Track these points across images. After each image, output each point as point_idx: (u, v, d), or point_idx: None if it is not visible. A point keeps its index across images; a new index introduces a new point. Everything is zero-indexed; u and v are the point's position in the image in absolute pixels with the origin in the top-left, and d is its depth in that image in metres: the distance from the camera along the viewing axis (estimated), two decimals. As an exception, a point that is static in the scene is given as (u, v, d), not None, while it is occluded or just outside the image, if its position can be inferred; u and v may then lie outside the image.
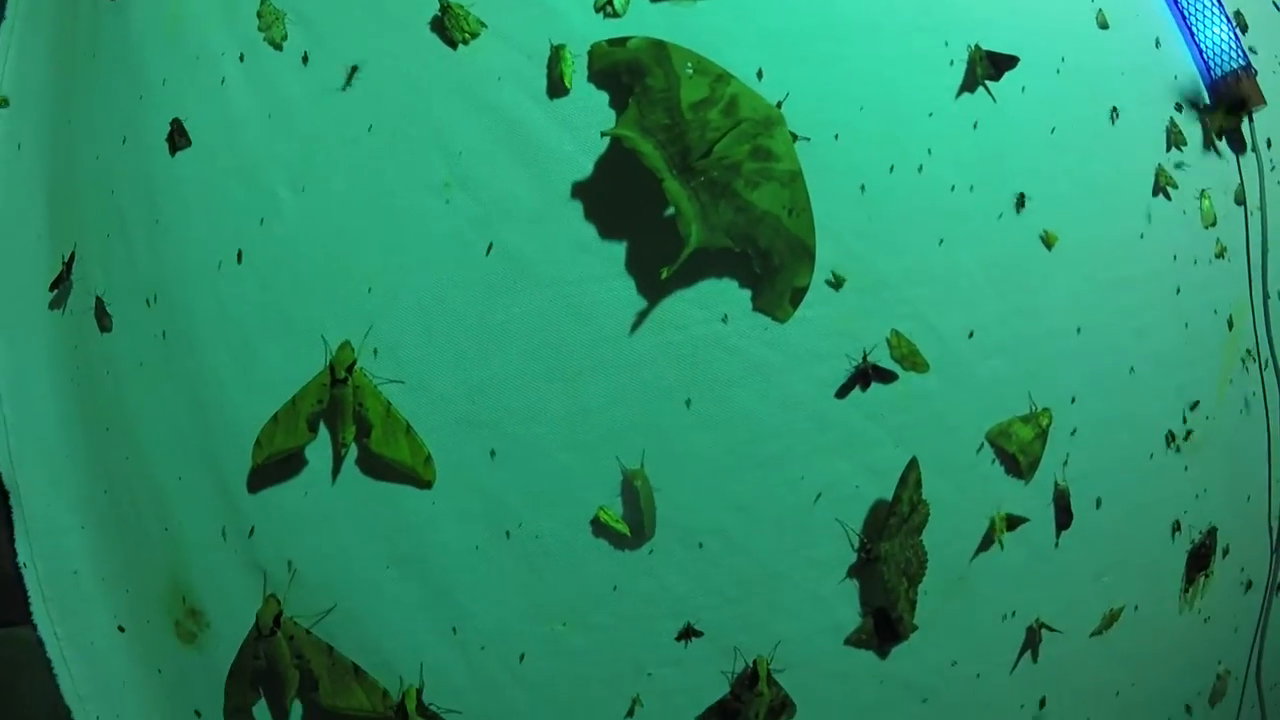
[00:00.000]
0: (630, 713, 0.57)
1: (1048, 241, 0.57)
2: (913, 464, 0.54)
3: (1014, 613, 0.62)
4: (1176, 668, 0.72)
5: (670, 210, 0.51)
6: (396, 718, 0.56)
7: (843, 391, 0.54)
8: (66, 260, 0.61)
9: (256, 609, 0.57)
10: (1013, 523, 0.57)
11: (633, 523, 0.53)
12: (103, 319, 0.61)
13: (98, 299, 0.60)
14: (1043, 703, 0.66)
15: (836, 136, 0.54)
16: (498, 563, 0.54)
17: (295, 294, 0.54)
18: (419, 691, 0.55)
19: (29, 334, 0.64)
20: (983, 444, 0.57)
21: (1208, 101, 0.64)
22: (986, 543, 0.58)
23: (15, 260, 0.64)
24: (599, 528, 0.53)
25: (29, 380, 0.63)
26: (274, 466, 0.55)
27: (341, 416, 0.52)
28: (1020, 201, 0.57)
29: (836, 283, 0.54)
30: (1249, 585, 0.73)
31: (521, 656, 0.55)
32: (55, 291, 0.63)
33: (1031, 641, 0.63)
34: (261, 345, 0.55)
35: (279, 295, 0.55)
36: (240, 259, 0.55)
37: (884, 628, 0.57)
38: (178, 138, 0.58)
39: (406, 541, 0.54)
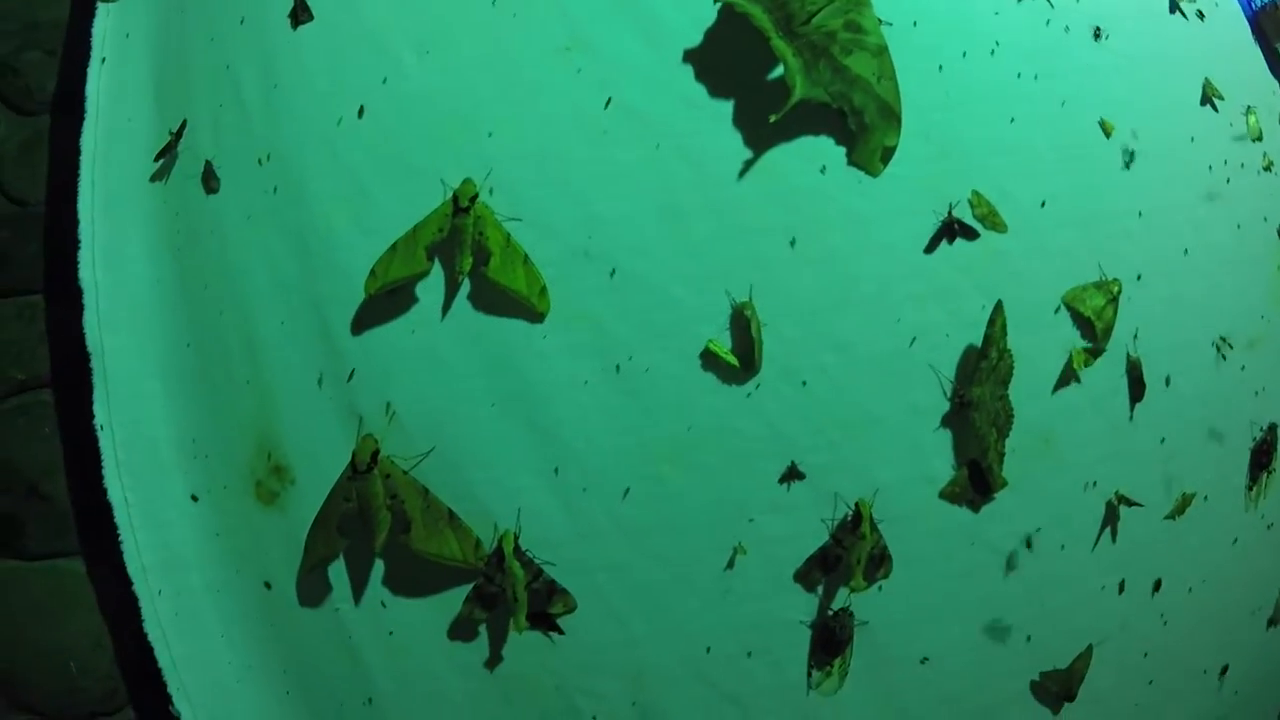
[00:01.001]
0: (730, 564, 0.61)
1: (1105, 129, 0.68)
2: (998, 308, 0.62)
3: (1094, 483, 0.68)
4: (1243, 575, 0.78)
5: (775, 71, 0.61)
6: (491, 564, 0.59)
7: (931, 244, 0.63)
8: (175, 132, 0.68)
9: (346, 460, 0.60)
10: (1090, 357, 0.64)
11: (742, 354, 0.59)
12: (210, 182, 0.68)
13: (207, 163, 0.67)
14: (1121, 586, 0.71)
15: (915, 23, 0.65)
16: (606, 398, 0.59)
17: (416, 144, 0.62)
18: (517, 536, 0.59)
19: (128, 205, 0.70)
20: (1060, 306, 0.65)
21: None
22: (1066, 378, 0.64)
23: (119, 140, 0.71)
24: (709, 359, 0.59)
25: (124, 248, 0.69)
26: (382, 305, 0.61)
27: (460, 246, 0.58)
28: (1078, 94, 0.68)
29: (920, 146, 0.63)
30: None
31: (624, 497, 0.59)
32: (160, 163, 0.70)
33: (1111, 518, 0.69)
34: (378, 192, 0.62)
35: (399, 146, 0.62)
36: (361, 114, 0.63)
37: (977, 479, 0.63)
38: (300, 13, 0.66)
39: (513, 378, 0.59)
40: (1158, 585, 0.73)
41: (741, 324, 0.59)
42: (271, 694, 0.71)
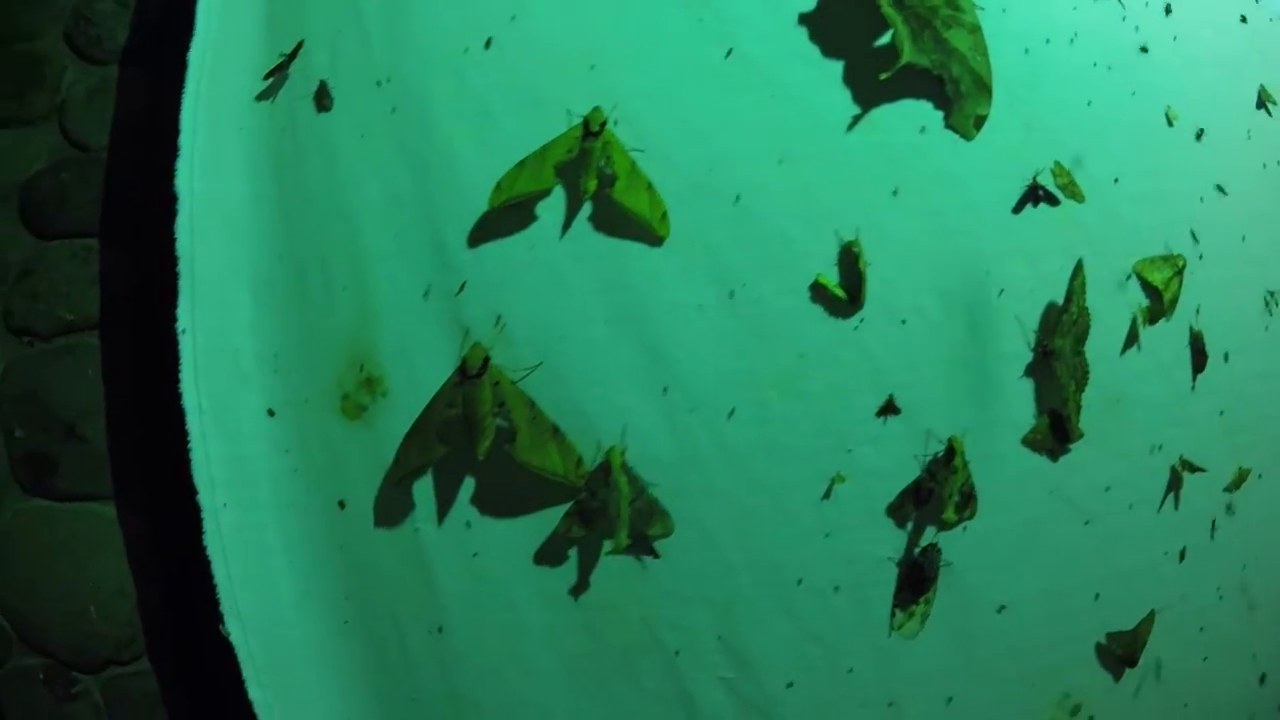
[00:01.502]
0: (828, 494, 0.65)
1: (1170, 118, 0.77)
2: (1079, 266, 0.69)
3: (1160, 447, 0.75)
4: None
5: (883, 38, 0.69)
6: (595, 478, 0.62)
7: (1018, 206, 0.70)
8: (289, 53, 0.73)
9: (445, 374, 0.63)
10: (1153, 315, 0.71)
11: (849, 288, 0.64)
12: (323, 101, 0.72)
13: (321, 83, 0.72)
14: (1182, 555, 0.77)
15: (1004, 10, 0.74)
16: (718, 323, 0.64)
17: (542, 76, 0.68)
18: (623, 453, 0.62)
19: (230, 121, 0.74)
20: (1131, 274, 0.72)
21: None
22: (1132, 337, 0.71)
23: (226, 58, 0.75)
24: (818, 292, 0.65)
25: (223, 162, 0.74)
26: (500, 221, 0.66)
27: (587, 168, 0.63)
28: (1146, 86, 0.77)
29: (1008, 118, 0.71)
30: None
31: (730, 420, 0.63)
32: (268, 82, 0.74)
33: (1175, 484, 0.75)
34: (502, 116, 0.68)
35: (526, 78, 0.68)
36: (489, 45, 0.68)
37: (1057, 427, 0.69)
38: (427, -50, 0.72)
39: (629, 298, 0.64)
40: (1213, 560, 0.79)
41: (849, 260, 0.65)
42: (329, 622, 0.72)
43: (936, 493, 0.65)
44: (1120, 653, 0.76)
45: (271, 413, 0.71)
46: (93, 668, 1.08)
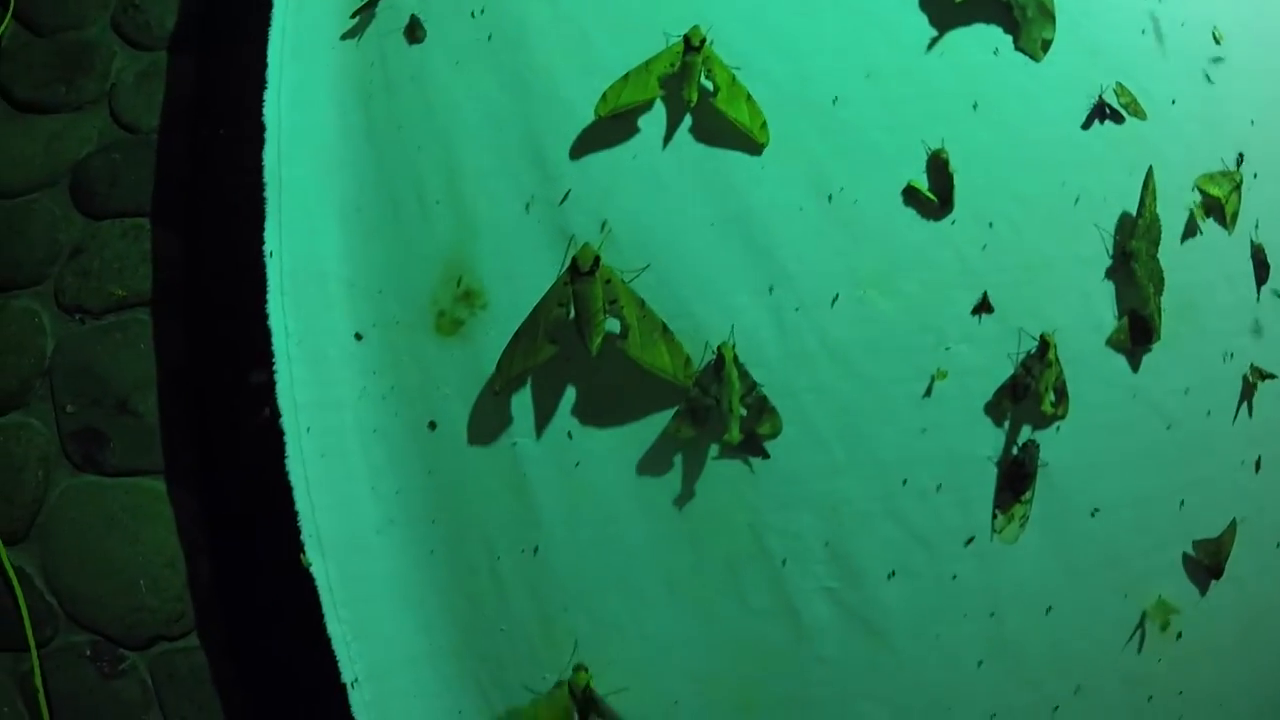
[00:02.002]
0: (929, 391, 0.69)
1: (1216, 37, 0.84)
2: (1149, 173, 0.76)
3: (1232, 355, 0.80)
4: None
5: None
6: (707, 374, 0.66)
7: (1087, 121, 0.76)
8: None
9: (548, 282, 0.67)
10: (1209, 206, 0.77)
11: (939, 192, 0.70)
12: (415, 33, 0.78)
13: (413, 17, 0.78)
14: (1258, 465, 0.81)
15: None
16: (818, 225, 0.70)
17: (638, 2, 0.73)
18: (734, 349, 0.66)
19: (317, 58, 0.79)
20: (1194, 187, 0.79)
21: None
22: (1191, 229, 0.79)
23: (312, 3, 0.80)
24: (910, 195, 0.71)
25: (311, 95, 0.79)
26: (602, 133, 0.71)
27: (689, 80, 0.69)
28: (1193, 17, 0.85)
29: (1072, 42, 0.78)
30: None
31: (833, 315, 0.67)
32: (356, 20, 0.79)
33: (1248, 392, 0.81)
34: (599, 39, 0.74)
35: (621, 1, 0.73)
36: (583, -27, 0.74)
37: (1138, 328, 0.74)
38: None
39: (732, 201, 0.69)
40: (1286, 469, 0.84)
41: (938, 166, 0.71)
42: (413, 551, 0.74)
43: (1033, 388, 0.70)
44: (1207, 563, 0.81)
45: (359, 336, 0.74)
46: (140, 644, 1.11)
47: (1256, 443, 0.83)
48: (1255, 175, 0.85)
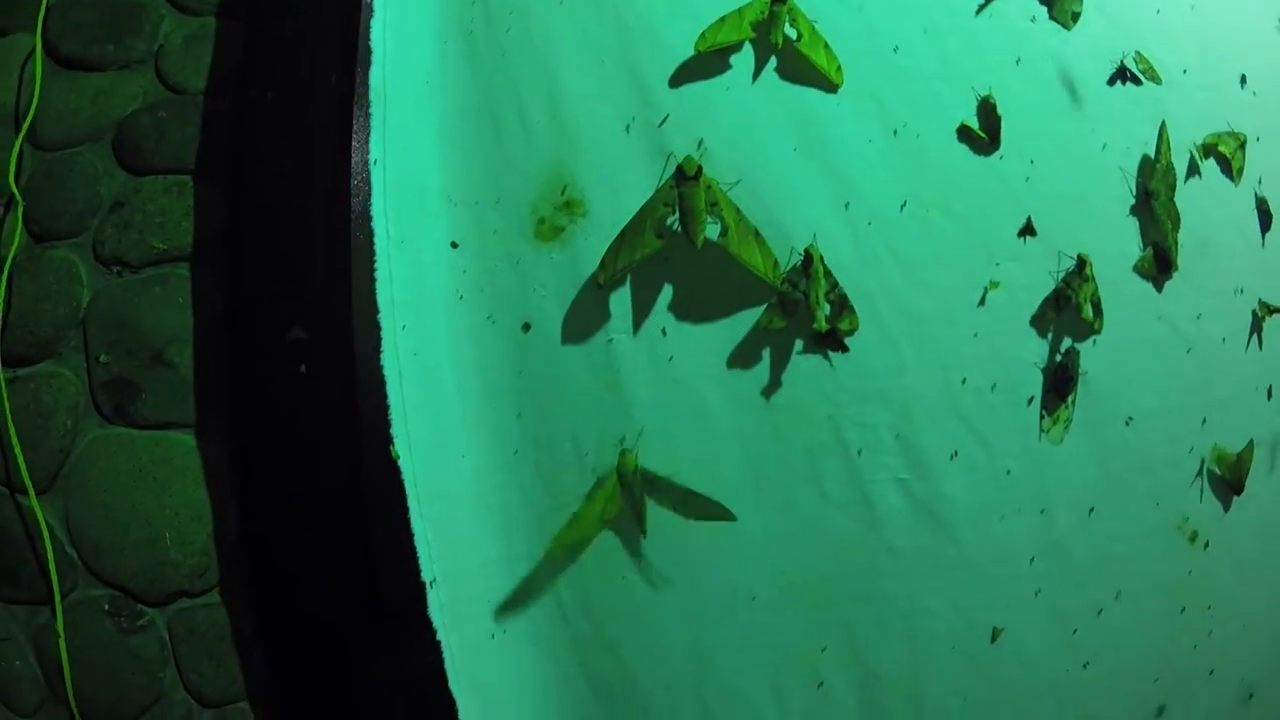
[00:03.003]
0: (983, 300, 0.85)
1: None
2: (1163, 126, 0.95)
3: (1242, 290, 0.98)
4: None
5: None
6: (796, 271, 0.82)
7: (1110, 80, 0.96)
8: None
9: (646, 193, 0.82)
10: (1208, 150, 0.95)
11: (989, 130, 0.87)
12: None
13: None
14: (1269, 392, 0.99)
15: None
16: (886, 154, 0.88)
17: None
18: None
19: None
20: (1203, 142, 0.98)
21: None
22: (1192, 169, 0.98)
23: None
24: (964, 133, 0.89)
25: (413, 27, 0.94)
26: (698, 68, 0.88)
27: (776, 25, 0.87)
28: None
29: (1097, 16, 0.98)
30: None
31: (901, 229, 0.83)
32: None
33: (1257, 325, 0.98)
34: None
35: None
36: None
37: (1160, 257, 0.92)
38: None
39: (812, 130, 0.87)
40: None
41: (988, 109, 0.90)
42: (498, 451, 0.86)
43: (1073, 300, 0.87)
44: (1228, 477, 0.97)
45: (455, 245, 0.87)
46: (160, 600, 1.14)
47: (1268, 372, 1.01)
48: (1258, 139, 1.05)
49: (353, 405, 1.16)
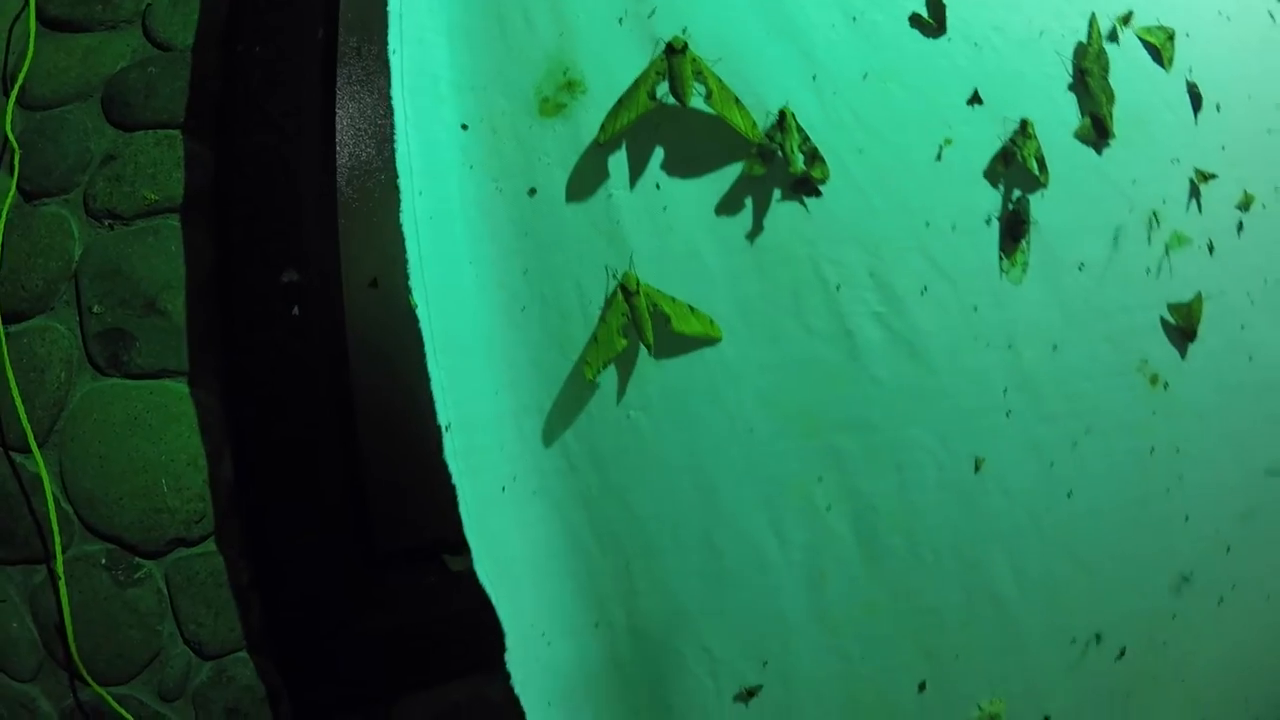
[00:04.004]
0: (939, 156, 1.02)
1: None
2: (1093, 16, 1.13)
3: (1178, 159, 1.15)
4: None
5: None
6: (773, 127, 0.98)
7: (1044, -16, 1.14)
8: None
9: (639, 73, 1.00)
10: (1126, 20, 1.14)
11: (936, 18, 1.06)
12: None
13: None
14: (1211, 247, 1.15)
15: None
16: (847, 37, 1.08)
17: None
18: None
19: None
20: (1134, 37, 1.17)
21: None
22: (1113, 36, 1.17)
23: None
24: (915, 20, 1.07)
25: None
26: None
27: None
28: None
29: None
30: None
31: (863, 90, 1.01)
32: None
33: (1195, 191, 1.15)
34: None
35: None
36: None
37: (1099, 125, 1.09)
38: None
39: (782, 18, 1.06)
40: (1240, 260, 1.16)
41: (935, 2, 1.07)
42: (506, 308, 0.99)
43: (1018, 155, 1.03)
44: (1180, 324, 1.11)
45: (465, 126, 1.03)
46: (158, 550, 1.18)
47: (1208, 230, 1.17)
48: (1187, 34, 1.24)
49: (343, 341, 1.27)
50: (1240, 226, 1.22)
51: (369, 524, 1.66)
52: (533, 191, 1.02)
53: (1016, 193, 1.06)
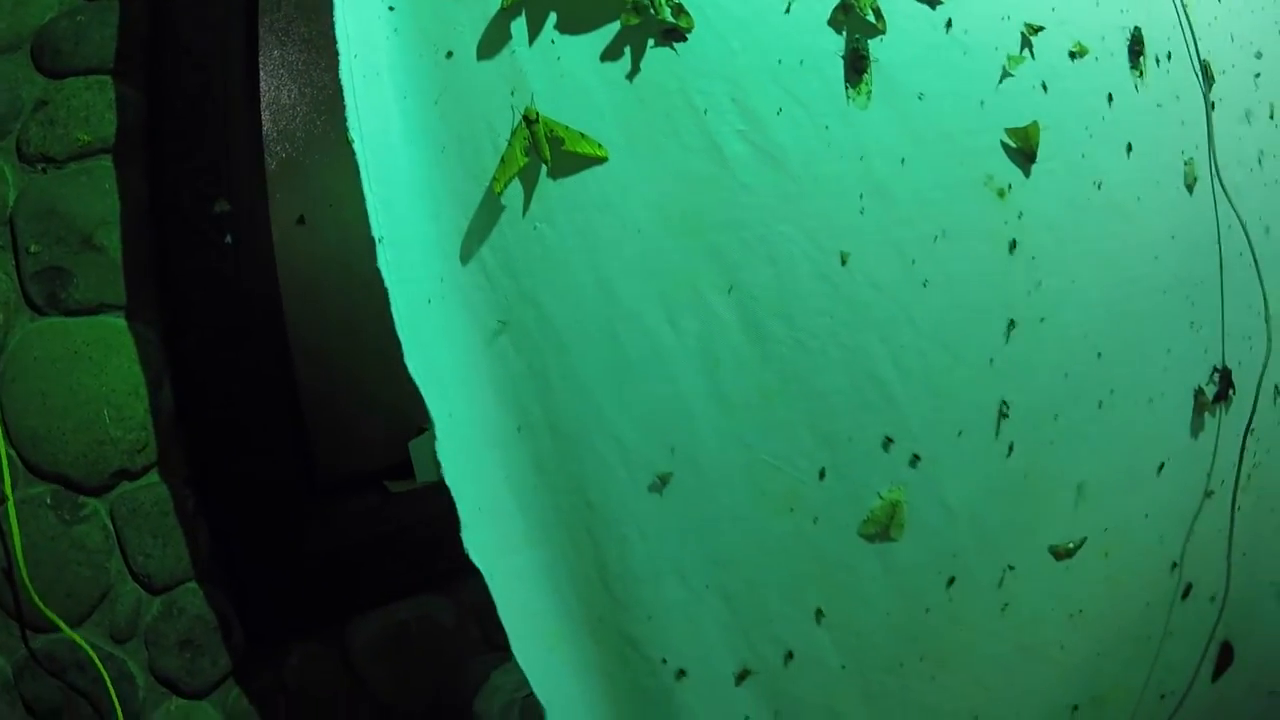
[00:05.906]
0: (788, 10, 1.34)
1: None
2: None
3: (1008, 16, 1.46)
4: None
5: None
6: (642, -8, 1.31)
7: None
8: None
9: None
10: None
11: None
12: None
13: None
14: (1045, 86, 1.44)
15: None
16: None
17: None
18: (656, -18, 1.32)
19: None
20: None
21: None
22: None
23: None
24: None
25: None
26: None
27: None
28: None
29: None
30: None
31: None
32: None
33: (1026, 42, 1.46)
34: None
35: None
36: None
37: (928, -14, 1.41)
38: None
39: None
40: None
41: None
42: (428, 147, 1.26)
43: (855, 5, 1.34)
44: (1018, 146, 1.39)
45: (392, 8, 1.36)
46: (102, 485, 1.30)
47: (1040, 73, 1.47)
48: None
49: (274, 269, 1.51)
50: (1074, 71, 1.52)
51: (310, 448, 1.90)
52: (450, 54, 1.33)
53: (858, 36, 1.38)
